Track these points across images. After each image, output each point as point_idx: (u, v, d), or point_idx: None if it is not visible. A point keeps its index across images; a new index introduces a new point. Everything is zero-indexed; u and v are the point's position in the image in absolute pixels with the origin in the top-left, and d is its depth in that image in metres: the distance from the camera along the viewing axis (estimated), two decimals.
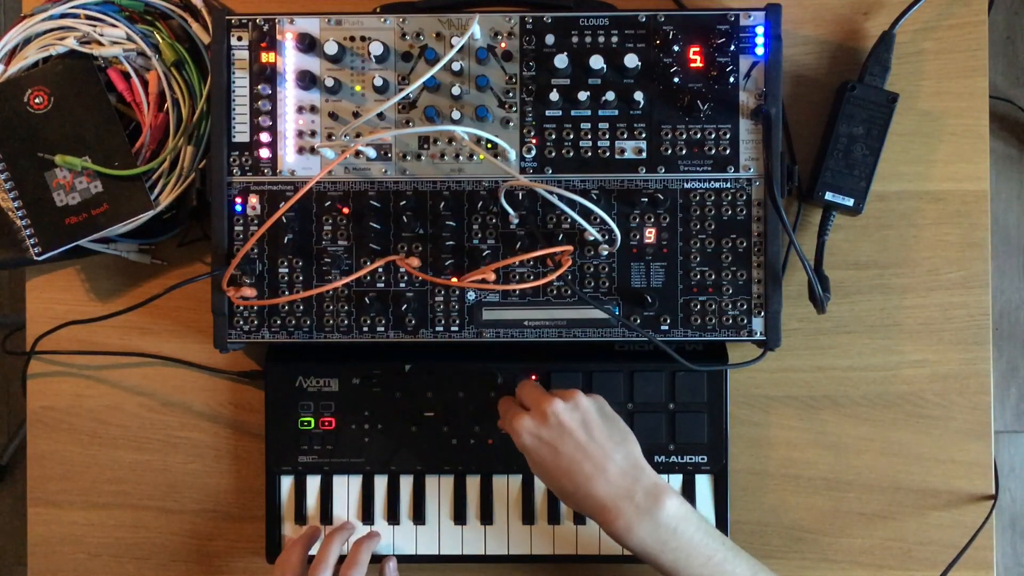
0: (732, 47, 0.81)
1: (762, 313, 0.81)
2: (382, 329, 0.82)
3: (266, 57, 0.82)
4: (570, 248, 0.81)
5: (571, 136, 0.81)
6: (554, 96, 0.81)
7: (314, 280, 0.82)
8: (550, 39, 0.81)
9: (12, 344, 0.98)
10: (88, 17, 0.85)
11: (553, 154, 0.82)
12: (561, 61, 0.80)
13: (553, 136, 0.81)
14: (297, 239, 0.82)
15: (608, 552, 0.85)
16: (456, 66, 0.81)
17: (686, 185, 0.82)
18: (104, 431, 0.90)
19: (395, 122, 0.82)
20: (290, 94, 0.82)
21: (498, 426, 0.80)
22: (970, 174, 0.88)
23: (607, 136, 0.81)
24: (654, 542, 0.72)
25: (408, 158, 0.82)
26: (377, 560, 0.84)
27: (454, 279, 0.81)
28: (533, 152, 0.82)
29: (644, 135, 0.81)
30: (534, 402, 0.75)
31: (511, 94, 0.81)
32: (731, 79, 0.81)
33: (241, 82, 0.82)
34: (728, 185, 0.81)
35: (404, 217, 0.82)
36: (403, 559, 0.85)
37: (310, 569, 0.79)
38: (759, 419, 0.88)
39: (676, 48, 0.81)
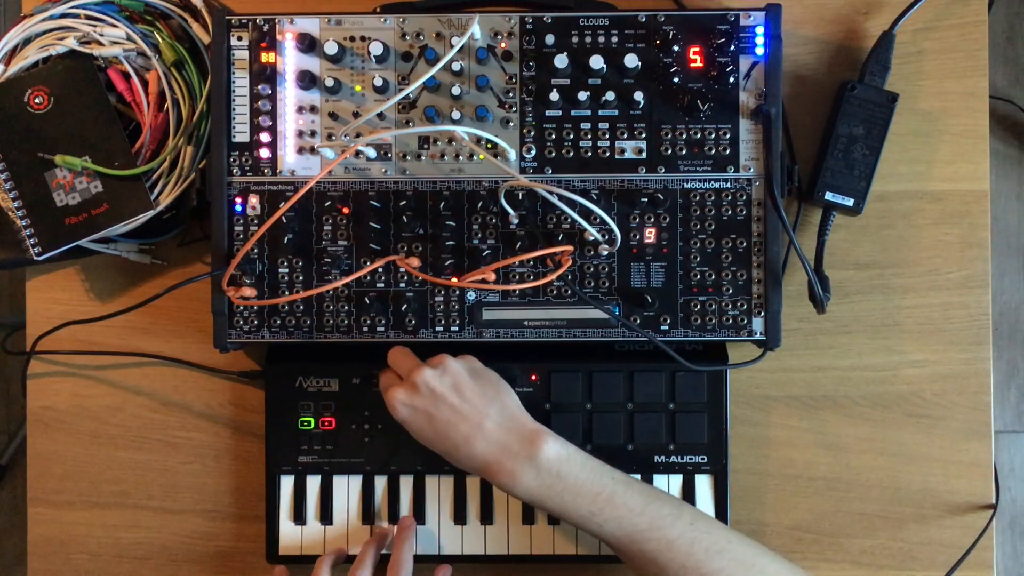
0: (732, 47, 0.81)
1: (762, 313, 0.81)
2: (382, 329, 0.82)
3: (266, 57, 0.82)
4: (570, 248, 0.81)
5: (571, 136, 0.81)
6: (554, 96, 0.81)
7: (314, 280, 0.82)
8: (550, 39, 0.81)
9: (12, 344, 0.99)
10: (88, 17, 0.85)
11: (553, 154, 0.82)
12: (561, 61, 0.80)
13: (553, 136, 0.81)
14: (297, 239, 0.82)
15: (608, 552, 0.84)
16: (456, 66, 0.81)
17: (686, 185, 0.82)
18: (104, 431, 0.90)
19: (395, 122, 0.82)
20: (290, 94, 0.82)
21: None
22: (970, 174, 0.88)
23: (607, 136, 0.81)
24: (539, 487, 0.73)
25: (408, 158, 0.82)
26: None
27: (454, 279, 0.81)
28: (533, 152, 0.82)
29: (644, 135, 0.81)
30: (405, 372, 0.77)
31: (511, 94, 0.81)
32: (731, 79, 0.81)
33: (241, 82, 0.82)
34: (728, 185, 0.81)
35: (404, 217, 0.82)
36: None
37: (350, 570, 0.79)
38: (759, 419, 0.88)
39: (676, 48, 0.81)
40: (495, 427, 0.75)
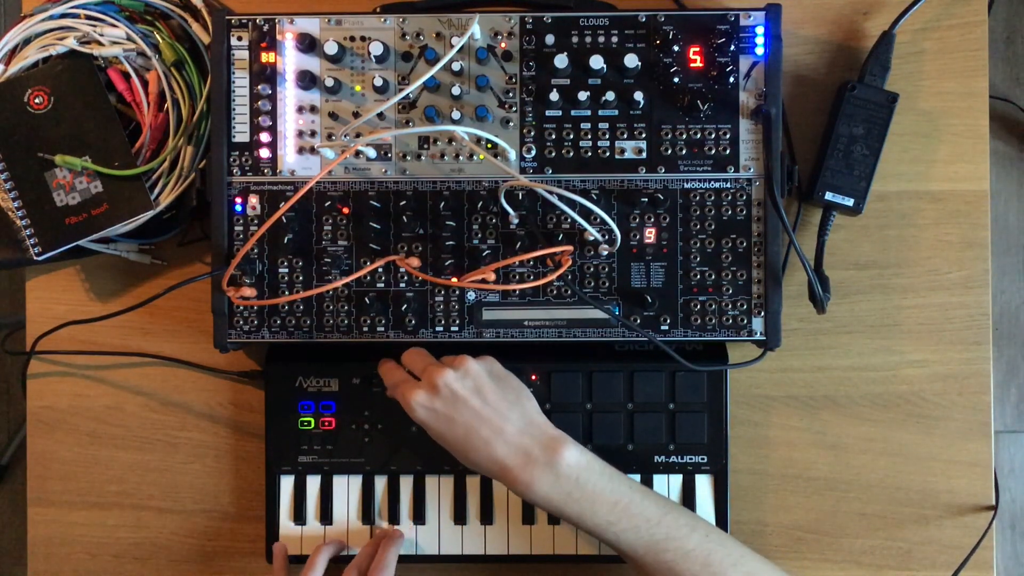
0: (732, 47, 0.81)
1: (762, 313, 0.81)
2: (382, 329, 0.82)
3: (266, 57, 0.82)
4: (570, 248, 0.81)
5: (571, 136, 0.81)
6: (554, 96, 0.81)
7: (314, 280, 0.82)
8: (550, 39, 0.81)
9: (12, 344, 0.99)
10: (88, 17, 0.85)
11: (553, 154, 0.82)
12: (561, 61, 0.80)
13: (553, 136, 0.81)
14: (297, 239, 0.82)
15: (608, 552, 0.84)
16: (456, 66, 0.81)
17: (686, 185, 0.82)
18: (104, 431, 0.90)
19: (395, 122, 0.82)
20: (290, 94, 0.82)
21: (387, 395, 0.80)
22: (970, 174, 0.88)
23: (607, 136, 0.81)
24: (558, 494, 0.73)
25: (408, 158, 0.82)
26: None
27: (454, 279, 0.81)
28: (533, 152, 0.82)
29: (644, 135, 0.81)
30: (424, 373, 0.75)
31: (511, 94, 0.81)
32: (731, 79, 0.81)
33: (241, 82, 0.82)
34: (728, 185, 0.81)
35: (404, 217, 0.82)
36: (403, 559, 0.85)
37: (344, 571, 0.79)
38: (759, 419, 0.88)
39: (676, 48, 0.81)
40: (516, 432, 0.74)
